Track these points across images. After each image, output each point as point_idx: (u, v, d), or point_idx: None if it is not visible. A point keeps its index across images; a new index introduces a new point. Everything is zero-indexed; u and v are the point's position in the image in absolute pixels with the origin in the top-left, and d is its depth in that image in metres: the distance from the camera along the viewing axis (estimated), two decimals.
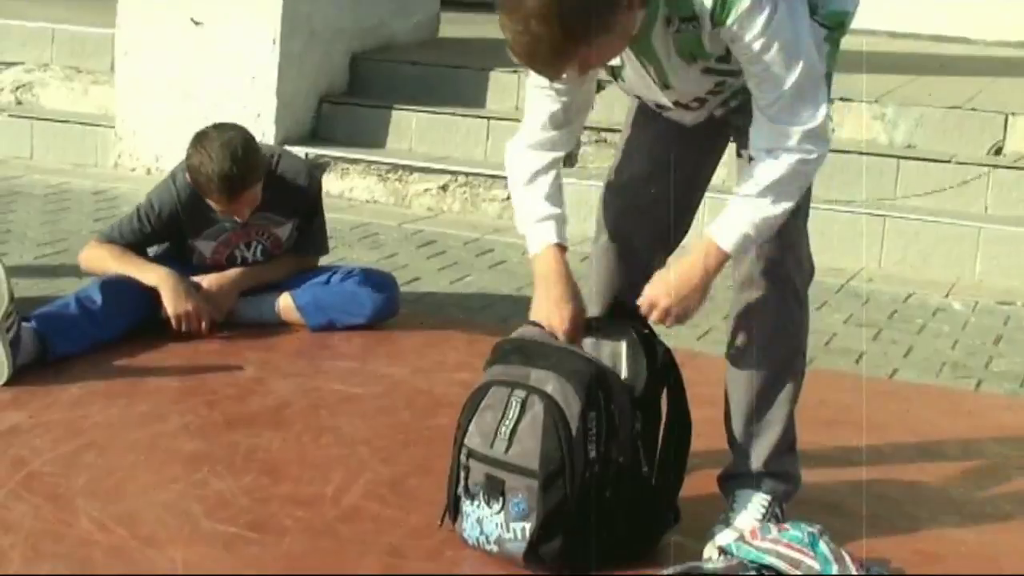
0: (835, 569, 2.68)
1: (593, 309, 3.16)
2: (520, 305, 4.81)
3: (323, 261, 4.71)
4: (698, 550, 2.96)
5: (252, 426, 3.61)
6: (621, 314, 3.06)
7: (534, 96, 3.01)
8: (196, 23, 6.42)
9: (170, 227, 4.38)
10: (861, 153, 5.85)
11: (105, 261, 4.32)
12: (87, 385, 3.83)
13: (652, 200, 3.12)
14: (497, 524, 2.87)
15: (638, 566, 2.90)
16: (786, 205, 2.81)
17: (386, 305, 4.47)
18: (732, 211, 2.84)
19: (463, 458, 2.92)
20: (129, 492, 3.18)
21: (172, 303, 4.23)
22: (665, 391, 3.02)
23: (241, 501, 3.16)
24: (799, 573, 2.68)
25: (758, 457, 3.05)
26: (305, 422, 3.66)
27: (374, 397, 3.89)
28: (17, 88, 7.21)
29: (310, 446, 3.51)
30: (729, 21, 2.71)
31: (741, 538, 2.78)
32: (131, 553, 2.88)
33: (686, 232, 3.19)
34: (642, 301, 2.92)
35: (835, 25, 2.99)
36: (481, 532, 2.91)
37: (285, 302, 4.42)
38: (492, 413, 2.89)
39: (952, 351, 4.63)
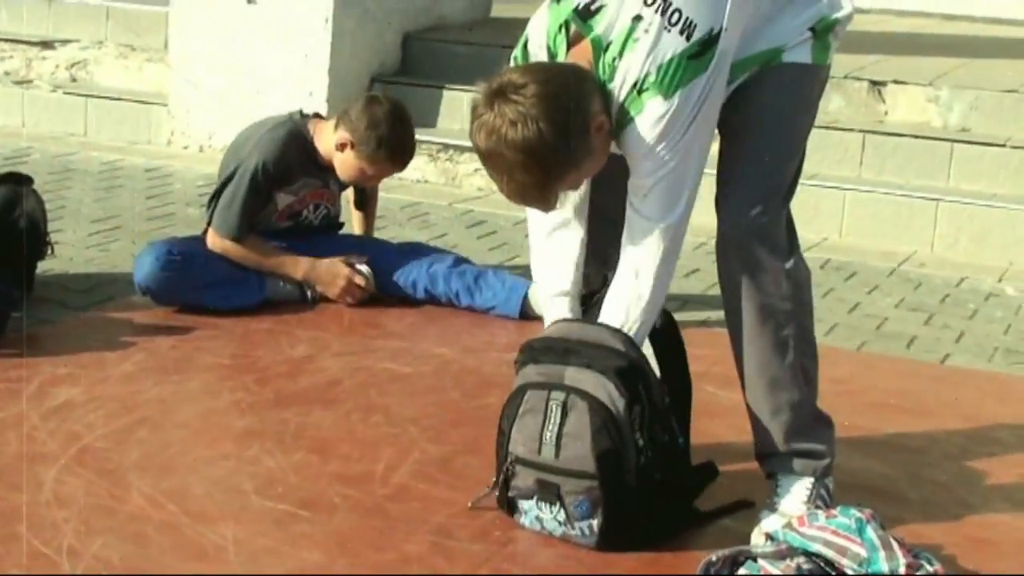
0: (882, 556, 2.67)
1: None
2: None
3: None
4: (746, 533, 2.96)
5: (302, 404, 3.63)
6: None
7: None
8: (250, 1, 6.44)
9: (275, 181, 4.42)
10: (915, 136, 5.81)
11: (249, 261, 4.39)
12: (140, 362, 3.86)
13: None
14: (560, 523, 2.90)
15: (688, 548, 2.91)
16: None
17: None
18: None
19: (510, 464, 2.94)
20: (181, 468, 3.21)
21: (328, 289, 4.42)
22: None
23: (291, 479, 3.18)
24: (846, 560, 2.67)
25: (779, 435, 3.03)
26: (355, 401, 3.68)
27: (424, 376, 3.90)
28: (72, 65, 7.25)
29: (359, 425, 3.53)
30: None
31: (788, 525, 2.77)
32: (182, 529, 2.90)
33: None
34: None
35: (822, 30, 2.99)
36: (543, 528, 2.94)
37: (536, 295, 4.40)
38: (533, 417, 2.90)
39: (1005, 336, 4.59)
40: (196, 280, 4.26)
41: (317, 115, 4.66)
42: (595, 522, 2.87)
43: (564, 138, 2.76)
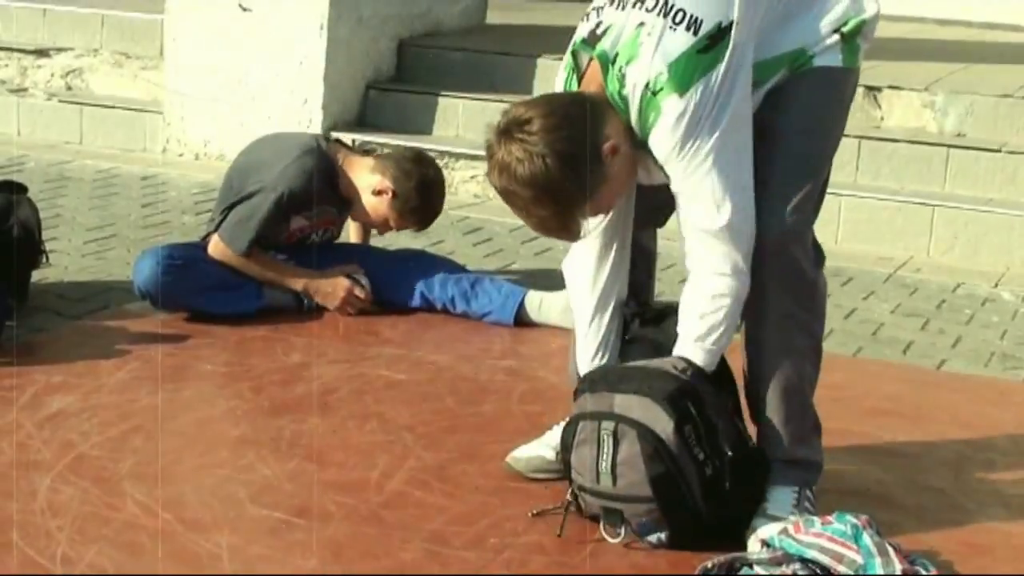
0: (879, 562, 2.66)
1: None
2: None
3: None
4: (742, 540, 2.94)
5: (297, 412, 3.63)
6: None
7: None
8: (244, 9, 6.43)
9: (296, 208, 4.42)
10: (910, 142, 5.81)
11: (249, 271, 4.39)
12: (135, 370, 3.86)
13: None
14: (632, 537, 2.95)
15: (684, 554, 2.91)
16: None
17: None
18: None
19: (576, 491, 2.99)
20: (175, 476, 3.20)
21: (328, 301, 4.42)
22: None
23: (286, 486, 3.18)
24: (842, 567, 2.67)
25: (785, 443, 3.03)
26: (350, 408, 3.67)
27: (419, 384, 3.90)
28: (67, 74, 7.25)
29: (355, 432, 3.52)
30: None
31: (784, 531, 2.77)
32: (177, 537, 2.90)
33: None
34: None
35: (850, 33, 2.98)
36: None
37: (532, 302, 4.44)
38: (588, 448, 2.95)
39: (1001, 341, 4.59)
40: (195, 285, 4.26)
41: (339, 142, 4.66)
42: (662, 535, 2.93)
43: (572, 168, 2.78)
